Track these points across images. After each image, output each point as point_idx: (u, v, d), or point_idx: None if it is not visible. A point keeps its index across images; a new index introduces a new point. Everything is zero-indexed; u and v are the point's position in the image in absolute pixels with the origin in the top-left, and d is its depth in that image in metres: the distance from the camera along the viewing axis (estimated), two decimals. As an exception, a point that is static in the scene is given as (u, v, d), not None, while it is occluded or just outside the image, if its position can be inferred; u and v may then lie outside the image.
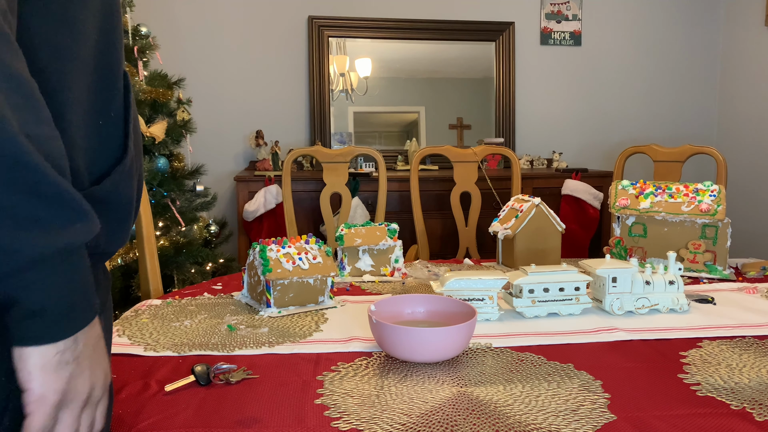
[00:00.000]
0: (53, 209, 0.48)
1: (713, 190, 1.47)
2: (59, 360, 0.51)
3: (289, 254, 1.20)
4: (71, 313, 0.52)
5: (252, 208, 2.83)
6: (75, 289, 0.52)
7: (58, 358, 0.51)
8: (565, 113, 3.62)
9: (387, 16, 3.38)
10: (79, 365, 0.53)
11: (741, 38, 3.56)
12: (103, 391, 0.57)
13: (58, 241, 0.48)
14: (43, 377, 0.51)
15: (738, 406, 0.78)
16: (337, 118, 3.40)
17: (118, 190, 0.62)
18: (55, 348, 0.51)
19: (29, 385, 0.51)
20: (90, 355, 0.54)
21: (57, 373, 0.51)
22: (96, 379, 0.56)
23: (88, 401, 0.55)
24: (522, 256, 1.51)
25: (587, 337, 1.04)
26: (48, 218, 0.47)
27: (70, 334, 0.52)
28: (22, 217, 0.46)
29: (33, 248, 0.47)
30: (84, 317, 0.53)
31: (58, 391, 0.52)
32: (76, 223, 0.49)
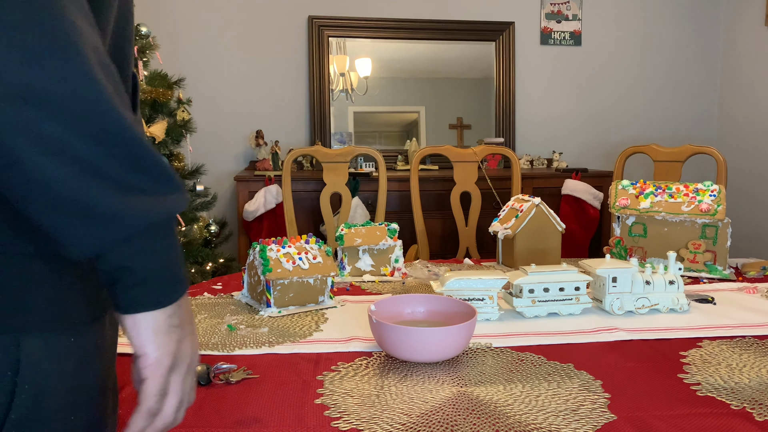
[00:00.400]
0: (155, 180, 0.50)
1: (713, 190, 1.47)
2: (169, 324, 0.54)
3: (289, 254, 1.20)
4: (174, 280, 0.55)
5: (252, 208, 2.83)
6: (175, 258, 0.55)
7: (168, 322, 0.54)
8: (565, 113, 3.62)
9: (387, 16, 3.38)
10: (183, 329, 0.56)
11: (741, 38, 3.56)
12: (198, 359, 0.60)
13: (163, 209, 0.51)
14: (157, 341, 0.54)
15: (738, 406, 0.78)
16: (337, 118, 3.40)
17: None
18: (165, 313, 0.54)
19: (145, 349, 0.54)
20: (190, 321, 0.58)
21: (168, 336, 0.54)
22: (195, 346, 0.59)
23: (190, 365, 0.57)
24: (522, 256, 1.51)
25: (587, 337, 1.04)
26: (152, 188, 0.50)
27: (175, 299, 0.55)
28: (130, 187, 0.48)
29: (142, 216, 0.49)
30: (183, 283, 0.56)
31: (171, 354, 0.55)
32: (174, 194, 0.52)
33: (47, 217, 0.46)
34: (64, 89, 0.44)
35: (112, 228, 0.48)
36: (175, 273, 0.55)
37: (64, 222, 0.46)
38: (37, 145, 0.43)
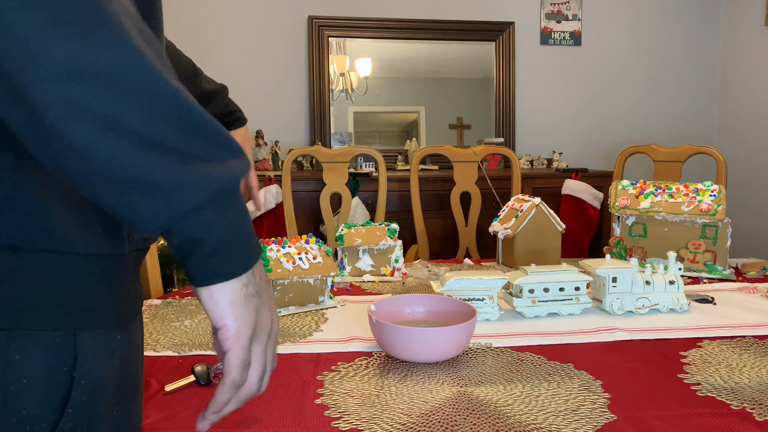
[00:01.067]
0: (216, 146, 0.49)
1: (713, 190, 1.47)
2: (246, 293, 0.53)
3: (289, 254, 1.20)
4: (246, 248, 0.53)
5: (252, 207, 2.83)
6: (244, 224, 0.53)
7: (244, 291, 0.53)
8: (565, 113, 3.62)
9: (387, 16, 3.38)
10: (260, 297, 0.55)
11: (741, 38, 3.56)
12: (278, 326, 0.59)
13: (227, 175, 0.49)
14: (235, 312, 0.53)
15: (738, 406, 0.78)
16: (337, 118, 3.40)
17: None
18: (240, 282, 0.53)
19: (224, 321, 0.53)
20: (266, 288, 0.57)
21: (246, 306, 0.53)
22: (273, 313, 0.58)
23: (270, 334, 0.57)
24: (522, 256, 1.51)
25: (587, 337, 1.04)
26: (214, 154, 0.49)
27: (249, 267, 0.53)
28: (191, 155, 0.47)
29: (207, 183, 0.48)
30: (256, 250, 0.55)
31: (251, 324, 0.54)
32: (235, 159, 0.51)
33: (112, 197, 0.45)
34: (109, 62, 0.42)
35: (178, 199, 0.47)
36: (247, 240, 0.53)
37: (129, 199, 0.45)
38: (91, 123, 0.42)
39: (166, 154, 0.46)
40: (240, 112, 1.22)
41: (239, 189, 0.53)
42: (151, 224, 0.47)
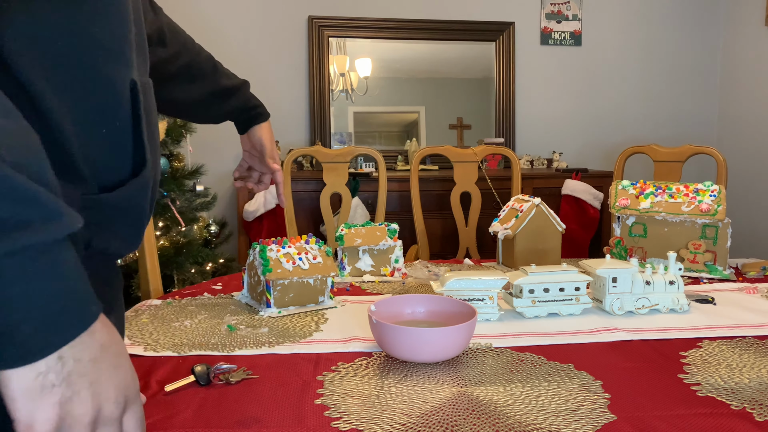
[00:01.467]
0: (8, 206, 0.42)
1: (713, 190, 1.47)
2: (42, 384, 0.44)
3: (289, 254, 1.20)
4: (50, 327, 0.44)
5: (252, 208, 2.83)
6: (52, 297, 0.44)
7: (41, 380, 0.44)
8: (565, 113, 3.62)
9: (387, 16, 3.38)
10: (70, 386, 0.46)
11: (741, 38, 3.56)
12: (121, 406, 0.50)
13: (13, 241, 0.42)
14: (27, 405, 0.44)
15: (738, 406, 0.78)
16: (337, 118, 3.40)
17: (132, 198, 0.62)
18: (34, 370, 0.44)
19: (16, 414, 0.45)
20: (89, 371, 0.47)
21: (42, 399, 0.45)
22: (103, 398, 0.48)
23: (98, 423, 0.48)
24: (522, 256, 1.51)
25: (587, 337, 1.04)
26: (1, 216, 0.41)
27: (49, 352, 0.44)
28: None
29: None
30: (70, 328, 0.46)
31: (48, 421, 0.45)
32: (35, 221, 0.43)
33: None
34: None
35: None
36: (52, 319, 0.44)
37: None
38: None
39: None
40: (262, 107, 1.20)
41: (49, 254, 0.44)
42: None
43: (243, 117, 1.19)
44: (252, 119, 1.20)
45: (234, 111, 1.17)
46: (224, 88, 1.13)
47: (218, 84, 1.12)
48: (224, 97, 1.13)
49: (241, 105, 1.17)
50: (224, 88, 1.13)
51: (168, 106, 1.12)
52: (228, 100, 1.14)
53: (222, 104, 1.14)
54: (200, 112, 1.16)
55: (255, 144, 1.21)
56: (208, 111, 1.15)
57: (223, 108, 1.15)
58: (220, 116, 1.17)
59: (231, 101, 1.15)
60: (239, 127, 1.21)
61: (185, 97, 1.09)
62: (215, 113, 1.16)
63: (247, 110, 1.18)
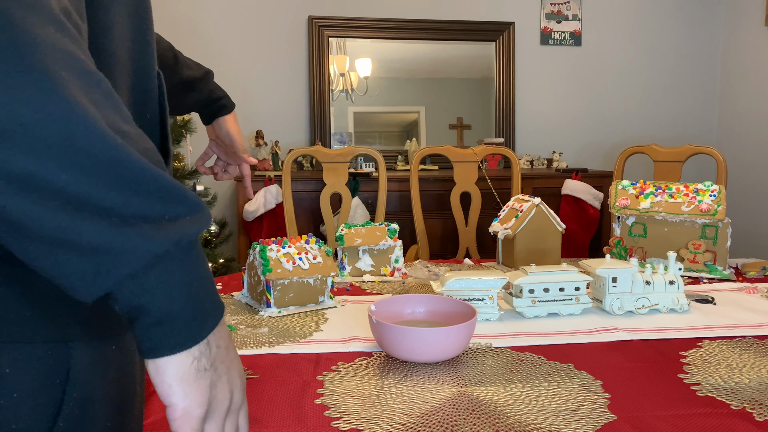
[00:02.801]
0: (159, 204, 0.44)
1: (713, 190, 1.47)
2: (197, 368, 0.48)
3: (289, 254, 1.20)
4: (200, 314, 0.48)
5: (252, 208, 2.83)
6: (199, 287, 0.48)
7: (195, 365, 0.48)
8: (565, 113, 3.62)
9: (387, 16, 3.38)
10: (216, 371, 0.49)
11: (741, 38, 3.56)
12: (242, 396, 0.54)
13: (173, 235, 0.45)
14: (184, 389, 0.48)
15: (738, 406, 0.78)
16: (337, 118, 3.40)
17: None
18: (191, 355, 0.47)
19: (171, 399, 0.48)
20: (224, 357, 0.51)
21: (197, 382, 0.48)
22: (234, 384, 0.52)
23: (230, 409, 0.52)
24: (522, 256, 1.51)
25: (587, 337, 1.04)
26: (158, 213, 0.44)
27: (202, 338, 0.48)
28: (129, 216, 0.43)
29: (147, 246, 0.43)
30: (213, 316, 0.49)
31: (202, 403, 0.49)
32: (186, 216, 0.46)
33: (44, 262, 0.42)
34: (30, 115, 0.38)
35: (113, 264, 0.42)
36: (200, 307, 0.48)
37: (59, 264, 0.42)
38: (10, 184, 0.39)
39: (98, 215, 0.41)
40: (227, 98, 1.16)
41: (192, 248, 0.48)
42: (83, 290, 0.43)
43: (206, 109, 1.17)
44: (216, 111, 1.17)
45: (196, 103, 1.14)
46: (186, 80, 1.09)
47: (179, 76, 1.08)
48: (186, 89, 1.10)
49: (204, 97, 1.13)
50: (186, 80, 1.09)
51: None
52: (190, 92, 1.11)
53: (184, 96, 1.10)
54: None
55: (222, 137, 1.19)
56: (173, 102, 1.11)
57: (185, 100, 1.11)
58: (183, 108, 1.14)
59: (193, 94, 1.11)
60: (203, 118, 1.19)
61: None
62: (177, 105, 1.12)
63: (211, 102, 1.15)
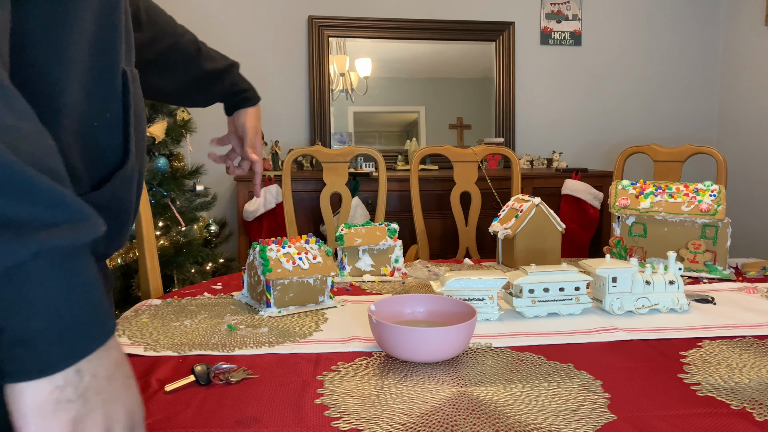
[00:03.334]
0: (27, 207, 0.39)
1: (713, 190, 1.47)
2: (58, 398, 0.42)
3: (289, 254, 1.20)
4: (71, 337, 0.42)
5: (252, 207, 2.83)
6: (74, 306, 0.42)
7: (56, 395, 0.42)
8: (565, 113, 3.62)
9: (387, 16, 3.38)
10: (86, 403, 0.43)
11: (741, 38, 3.56)
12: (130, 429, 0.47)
13: (33, 244, 0.39)
14: (39, 422, 0.42)
15: (738, 406, 0.78)
16: (337, 118, 3.40)
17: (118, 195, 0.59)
18: (52, 383, 0.42)
19: (24, 430, 0.42)
20: (103, 388, 0.44)
21: (55, 415, 0.42)
22: (113, 420, 0.46)
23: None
24: (522, 256, 1.51)
25: (587, 337, 1.04)
26: (21, 218, 0.39)
27: (69, 364, 0.42)
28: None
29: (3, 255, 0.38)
30: (90, 339, 0.44)
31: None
32: (65, 223, 0.41)
33: None
34: None
35: None
36: (71, 327, 0.42)
37: None
38: None
39: None
40: (251, 91, 1.16)
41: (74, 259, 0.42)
42: None
43: (229, 101, 1.16)
44: (237, 103, 1.16)
45: (219, 95, 1.13)
46: (208, 72, 1.08)
47: (202, 69, 1.07)
48: (208, 82, 1.09)
49: (226, 89, 1.13)
50: (208, 73, 1.09)
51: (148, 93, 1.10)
52: (213, 85, 1.10)
53: (207, 89, 1.10)
54: (183, 98, 1.13)
55: (238, 128, 1.18)
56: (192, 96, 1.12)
57: (208, 93, 1.11)
58: (206, 100, 1.14)
59: (216, 86, 1.11)
60: (225, 109, 1.18)
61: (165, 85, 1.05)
62: (200, 98, 1.12)
63: (234, 94, 1.14)
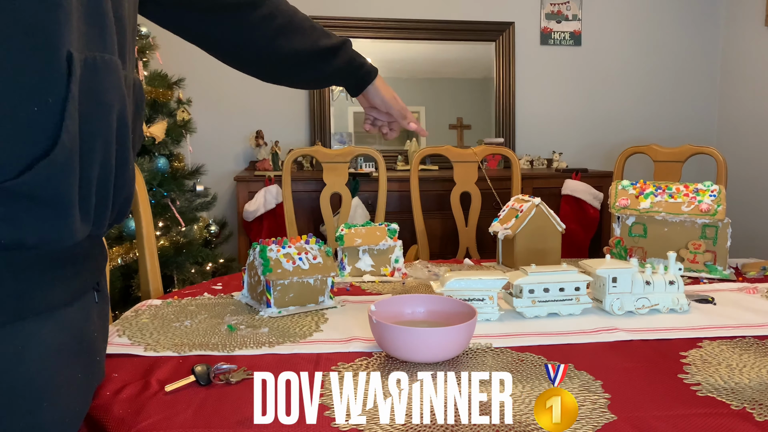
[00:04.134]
0: None
1: (713, 190, 1.47)
2: None
3: (289, 254, 1.20)
4: None
5: (252, 208, 2.83)
6: None
7: None
8: (565, 113, 3.62)
9: (387, 16, 3.38)
10: None
11: (741, 38, 3.56)
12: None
13: None
14: None
15: (738, 406, 0.78)
16: (337, 118, 3.40)
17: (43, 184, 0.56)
18: None
19: None
20: None
21: None
22: None
23: None
24: (522, 256, 1.51)
25: (587, 337, 1.04)
26: None
27: None
28: None
29: None
30: None
31: None
32: None
33: None
34: None
35: None
36: None
37: None
38: None
39: None
40: (368, 64, 1.18)
41: None
42: None
43: (350, 79, 1.18)
44: (362, 79, 1.18)
45: (339, 72, 1.15)
46: (325, 48, 1.11)
47: (318, 45, 1.10)
48: (326, 58, 1.12)
49: (345, 65, 1.15)
50: (325, 48, 1.11)
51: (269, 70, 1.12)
52: (331, 60, 1.12)
53: (324, 64, 1.12)
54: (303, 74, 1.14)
55: (378, 106, 1.20)
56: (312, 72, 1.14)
57: (326, 68, 1.13)
58: (325, 78, 1.16)
59: (334, 61, 1.13)
60: (350, 90, 1.20)
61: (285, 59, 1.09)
62: (320, 75, 1.15)
63: (355, 69, 1.16)
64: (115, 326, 1.08)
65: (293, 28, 1.09)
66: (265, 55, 1.09)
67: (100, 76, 0.62)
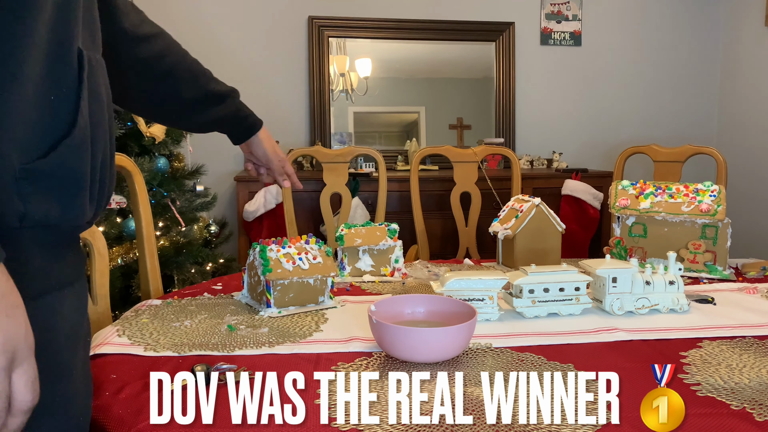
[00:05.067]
0: None
1: (713, 191, 1.47)
2: None
3: (289, 254, 1.20)
4: None
5: (252, 208, 2.83)
6: None
7: None
8: (565, 113, 3.62)
9: (387, 16, 3.38)
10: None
11: (741, 38, 3.56)
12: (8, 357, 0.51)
13: None
14: None
15: (738, 406, 0.78)
16: (337, 118, 3.40)
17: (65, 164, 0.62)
18: None
19: None
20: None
21: None
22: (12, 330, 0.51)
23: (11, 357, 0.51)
24: (522, 256, 1.51)
25: (587, 337, 1.04)
26: None
27: None
28: None
29: None
30: None
31: None
32: None
33: None
34: None
35: None
36: None
37: None
38: None
39: None
40: (253, 115, 1.17)
41: None
42: None
43: (236, 128, 1.17)
44: (247, 130, 1.17)
45: (223, 119, 1.13)
46: (214, 93, 1.09)
47: (207, 89, 1.08)
48: (213, 103, 1.10)
49: (231, 114, 1.13)
50: (213, 94, 1.09)
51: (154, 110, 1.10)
52: (217, 107, 1.10)
53: (209, 109, 1.10)
54: (187, 118, 1.12)
55: (259, 158, 1.21)
56: (196, 116, 1.11)
57: (210, 114, 1.11)
58: (209, 123, 1.13)
59: (221, 108, 1.11)
60: (233, 138, 1.18)
61: (172, 99, 1.06)
62: (204, 119, 1.12)
63: (240, 120, 1.15)
64: (115, 326, 1.08)
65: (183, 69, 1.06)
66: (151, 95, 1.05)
67: (96, 73, 0.68)
